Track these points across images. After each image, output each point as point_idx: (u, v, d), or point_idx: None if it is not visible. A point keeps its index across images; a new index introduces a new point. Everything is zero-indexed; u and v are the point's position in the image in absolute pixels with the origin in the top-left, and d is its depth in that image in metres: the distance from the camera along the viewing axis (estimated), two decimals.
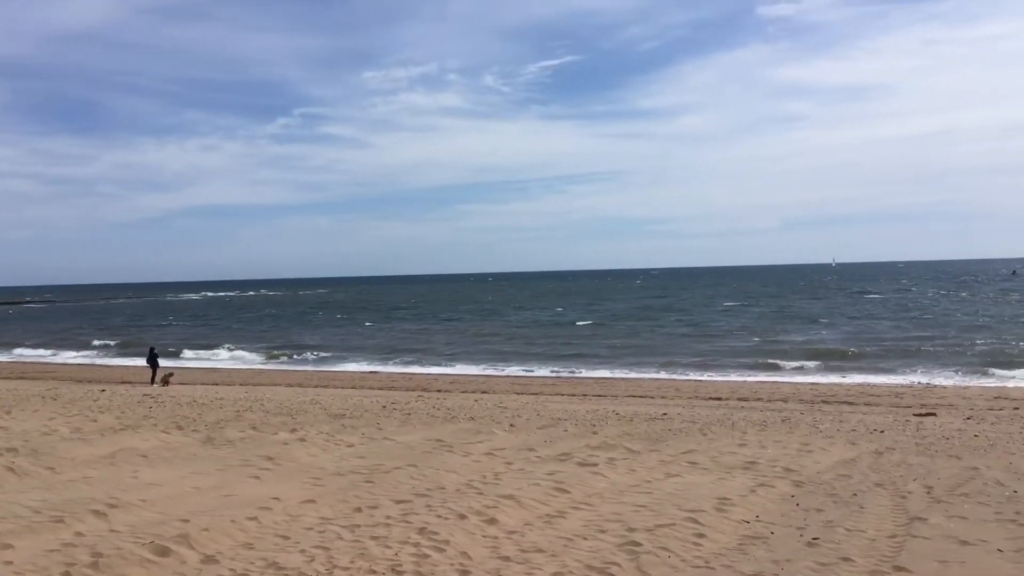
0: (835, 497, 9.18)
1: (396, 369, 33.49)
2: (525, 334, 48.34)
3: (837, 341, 38.20)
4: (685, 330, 47.79)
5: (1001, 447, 12.40)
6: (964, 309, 57.09)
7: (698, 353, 35.26)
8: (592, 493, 9.38)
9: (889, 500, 9.03)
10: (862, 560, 6.94)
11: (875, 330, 43.42)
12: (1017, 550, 7.14)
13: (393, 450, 12.36)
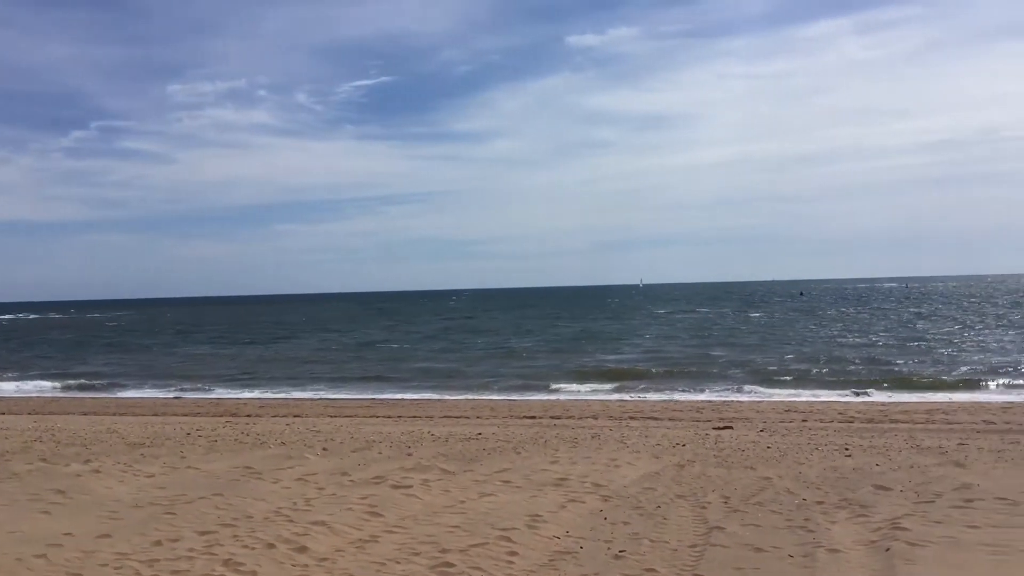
0: (640, 510, 9.51)
1: (202, 395, 32.11)
2: (338, 356, 47.59)
3: (641, 359, 39.77)
4: (497, 350, 48.44)
5: (791, 457, 13.22)
6: (753, 328, 60.86)
7: (515, 373, 35.77)
8: (406, 516, 9.30)
9: (690, 511, 9.44)
10: (665, 570, 7.21)
11: (675, 348, 45.50)
12: (805, 555, 7.62)
13: (197, 479, 11.81)
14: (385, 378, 35.69)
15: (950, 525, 8.44)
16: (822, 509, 9.43)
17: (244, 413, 23.91)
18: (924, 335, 48.47)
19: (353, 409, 24.72)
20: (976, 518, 8.68)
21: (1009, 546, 7.64)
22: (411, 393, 30.65)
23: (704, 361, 38.08)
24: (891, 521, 8.65)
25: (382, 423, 20.42)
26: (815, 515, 9.15)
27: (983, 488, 10.12)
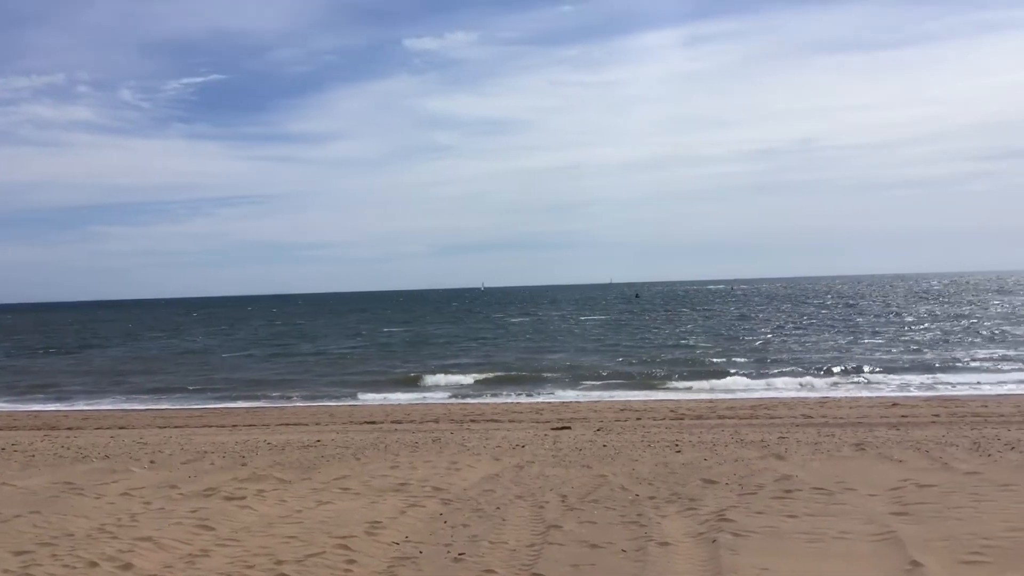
0: (480, 512, 9.57)
1: (17, 407, 30.10)
2: (164, 364, 45.63)
3: (480, 362, 40.08)
4: (334, 354, 47.73)
5: (625, 455, 13.61)
6: (590, 330, 62.49)
7: (362, 377, 35.32)
8: (239, 528, 9.01)
9: (528, 511, 9.57)
10: (504, 570, 7.28)
11: (515, 351, 46.11)
12: (638, 549, 7.86)
13: (13, 496, 11.06)
14: (212, 387, 34.49)
15: (771, 515, 8.89)
16: (654, 504, 9.74)
17: (65, 426, 22.57)
18: (745, 334, 51.01)
19: (184, 419, 23.75)
20: (795, 508, 9.18)
21: (824, 533, 8.11)
22: (244, 401, 29.76)
23: (543, 363, 38.74)
24: (717, 513, 9.03)
25: (215, 433, 19.71)
26: (647, 510, 9.44)
27: (801, 479, 10.73)
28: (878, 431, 15.91)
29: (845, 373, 30.70)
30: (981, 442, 13.51)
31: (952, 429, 15.94)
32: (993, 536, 7.66)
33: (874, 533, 8.00)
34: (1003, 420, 17.54)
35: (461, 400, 27.67)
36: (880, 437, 14.77)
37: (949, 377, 28.50)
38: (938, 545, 7.50)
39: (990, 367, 30.90)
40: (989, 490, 9.56)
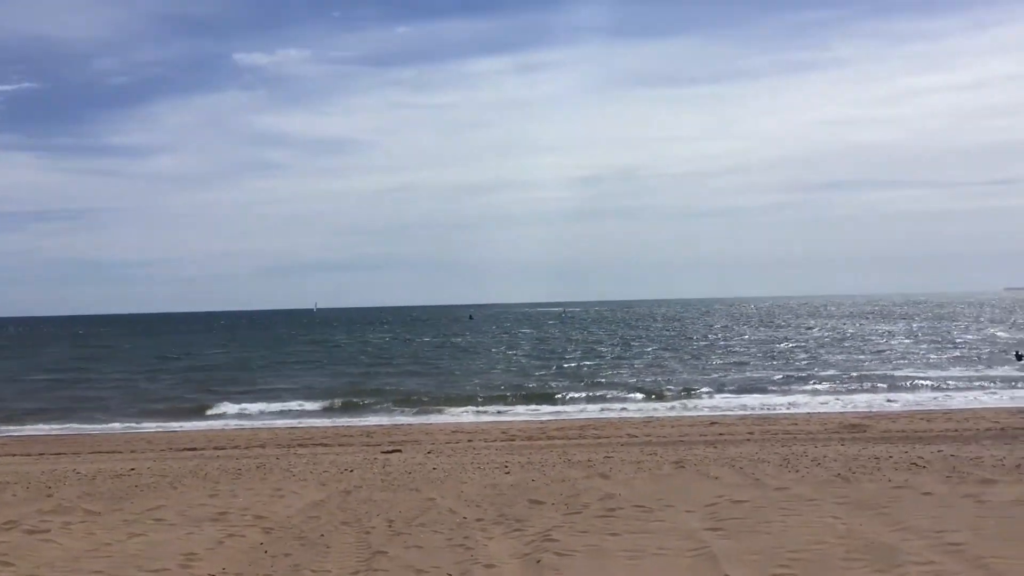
0: (304, 540, 9.30)
1: None
2: None
3: (313, 384, 39.24)
4: (142, 378, 45.59)
5: (455, 477, 13.60)
6: (422, 350, 62.45)
7: (178, 403, 33.81)
8: (41, 564, 8.40)
9: (354, 537, 9.38)
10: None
11: (348, 373, 45.43)
12: (463, 572, 7.83)
13: None
14: (35, 411, 32.22)
15: (594, 534, 9.07)
16: (481, 526, 9.75)
17: None
18: (577, 356, 52.22)
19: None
20: (617, 526, 9.40)
21: (644, 550, 8.33)
22: (53, 424, 27.96)
23: (375, 385, 38.31)
24: (543, 533, 9.13)
25: (19, 462, 18.40)
26: (474, 532, 9.44)
27: (624, 497, 11.00)
28: (697, 449, 16.56)
29: (670, 393, 31.83)
30: (790, 458, 14.28)
31: (764, 446, 16.78)
32: (799, 549, 8.07)
33: (690, 549, 8.28)
34: (810, 437, 18.63)
35: (289, 424, 26.96)
36: (699, 455, 15.37)
37: (764, 397, 30.03)
38: (749, 559, 7.84)
39: (800, 387, 32.76)
40: (797, 504, 10.09)
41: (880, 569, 7.34)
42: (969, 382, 31.97)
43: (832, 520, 9.17)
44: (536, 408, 29.28)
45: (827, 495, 10.61)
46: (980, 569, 7.18)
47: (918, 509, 9.55)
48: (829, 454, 14.85)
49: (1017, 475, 11.69)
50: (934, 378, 33.67)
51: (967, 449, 15.14)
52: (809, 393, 30.62)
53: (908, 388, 31.12)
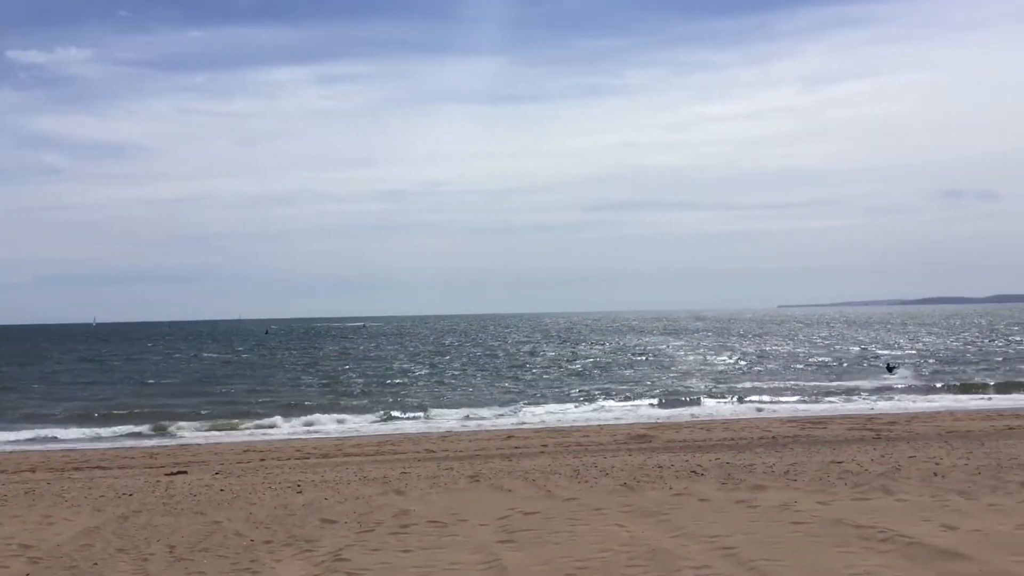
0: (75, 569, 8.68)
1: None
2: None
3: (91, 403, 36.87)
4: None
5: (244, 498, 13.10)
6: (209, 366, 60.08)
7: None
8: None
9: (131, 565, 8.83)
10: None
11: (128, 391, 43.02)
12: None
13: None
14: None
15: (387, 551, 8.97)
16: (269, 548, 9.43)
17: None
18: (380, 371, 51.78)
19: None
20: (410, 542, 9.33)
21: (436, 565, 8.32)
22: None
23: (158, 403, 36.44)
24: (334, 553, 8.94)
25: None
26: (262, 555, 9.12)
27: (418, 513, 10.96)
28: (493, 462, 16.78)
29: (470, 407, 32.06)
30: (580, 469, 14.71)
31: (557, 458, 17.22)
32: (586, 558, 8.30)
33: (481, 562, 8.34)
34: (601, 448, 19.28)
35: (63, 447, 25.11)
36: (494, 468, 15.57)
37: (560, 409, 30.79)
38: (538, 569, 7.98)
39: (594, 400, 33.85)
40: (585, 514, 10.39)
41: (660, 574, 7.66)
42: (749, 392, 34.10)
43: (617, 528, 9.50)
44: (332, 423, 28.72)
45: (614, 504, 10.99)
46: (751, 571, 7.62)
47: (696, 515, 10.06)
48: (617, 464, 15.42)
49: (785, 481, 12.54)
50: (720, 390, 35.72)
51: (742, 457, 16.13)
52: (600, 406, 31.68)
53: (693, 400, 32.81)
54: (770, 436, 20.67)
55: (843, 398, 32.26)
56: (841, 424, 22.98)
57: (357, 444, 22.07)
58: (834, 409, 28.92)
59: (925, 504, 10.23)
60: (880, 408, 28.92)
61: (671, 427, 23.85)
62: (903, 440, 18.90)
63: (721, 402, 31.89)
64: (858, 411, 27.82)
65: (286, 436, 26.07)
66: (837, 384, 37.89)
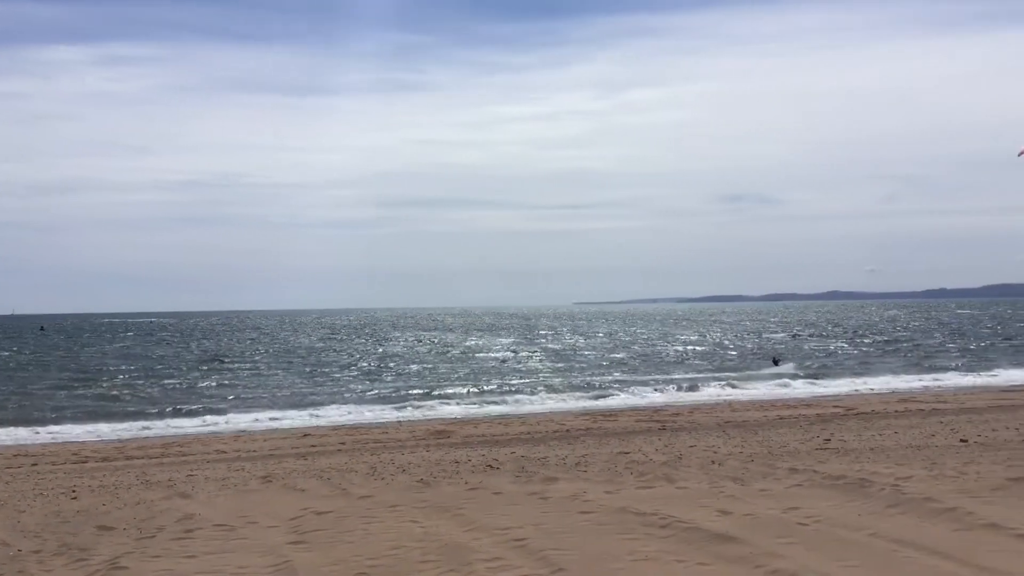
0: None
1: None
2: None
3: None
4: None
5: (11, 506, 12.17)
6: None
7: None
8: None
9: None
10: None
11: None
12: None
13: None
14: None
15: (169, 558, 8.55)
16: (39, 558, 8.80)
17: None
18: (171, 370, 49.38)
19: None
20: (194, 547, 8.94)
21: (222, 570, 8.02)
22: None
23: None
24: (110, 561, 8.44)
25: None
26: (30, 565, 8.51)
27: (204, 516, 10.52)
28: (287, 462, 16.36)
29: (265, 407, 31.11)
30: (378, 466, 14.61)
31: (355, 456, 17.02)
32: (378, 555, 8.24)
33: (271, 564, 8.11)
34: (399, 444, 19.22)
35: None
36: (288, 468, 15.19)
37: (359, 407, 30.41)
38: (329, 570, 7.85)
39: (392, 395, 33.66)
40: (379, 512, 10.31)
41: (452, 568, 7.71)
42: (541, 388, 34.93)
43: (411, 524, 9.49)
44: (117, 426, 27.08)
45: (409, 500, 10.98)
46: (540, 561, 7.81)
47: (490, 508, 10.21)
48: (415, 460, 15.42)
49: (576, 472, 12.95)
50: (524, 384, 36.38)
51: (536, 450, 16.52)
52: (404, 402, 31.54)
53: (497, 395, 33.21)
54: (564, 429, 21.28)
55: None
56: (631, 416, 23.97)
57: (141, 447, 20.92)
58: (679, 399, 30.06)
59: (703, 491, 10.83)
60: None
61: (470, 422, 24.10)
62: (685, 430, 19.95)
63: (523, 396, 32.36)
64: (647, 404, 29.02)
65: (61, 440, 24.34)
66: (733, 375, 39.12)
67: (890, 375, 38.18)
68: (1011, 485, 10.19)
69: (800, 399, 28.53)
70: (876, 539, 8.04)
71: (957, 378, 35.91)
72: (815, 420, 21.25)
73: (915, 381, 34.97)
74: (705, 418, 22.77)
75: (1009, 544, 7.63)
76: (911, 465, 12.17)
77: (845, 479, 10.96)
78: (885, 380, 35.75)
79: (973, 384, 33.27)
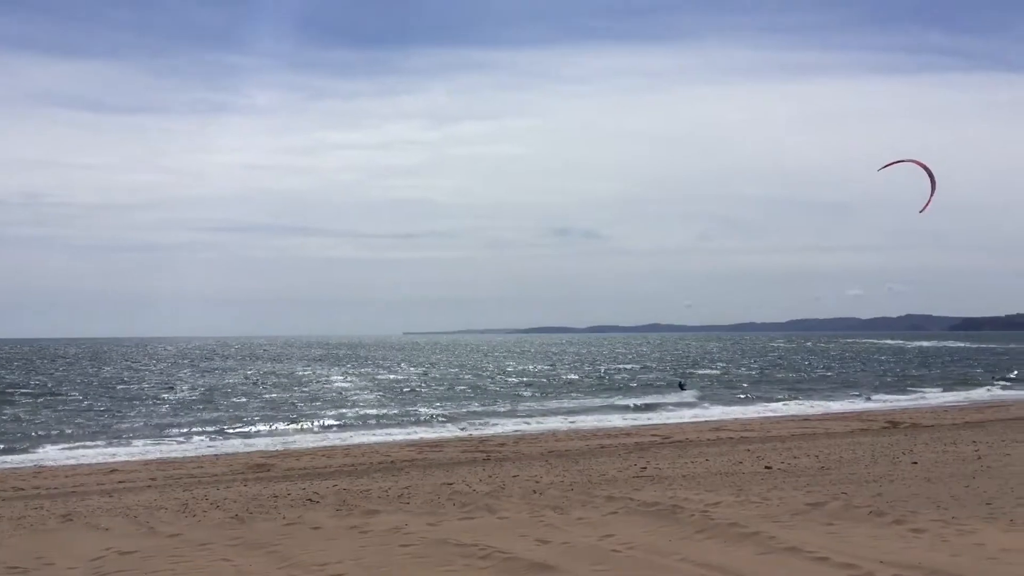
0: None
1: None
2: None
3: None
4: None
5: None
6: None
7: None
8: None
9: None
10: None
11: None
12: None
13: None
14: None
15: None
16: None
17: None
18: None
19: None
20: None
21: None
22: None
23: None
24: None
25: None
26: None
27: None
28: (91, 499, 15.42)
29: (71, 439, 29.16)
30: (189, 503, 13.96)
31: (165, 492, 16.22)
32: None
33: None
34: (215, 479, 18.47)
35: None
36: (91, 505, 14.31)
37: (173, 437, 29.01)
38: None
39: (209, 427, 32.24)
40: (188, 551, 9.83)
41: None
42: (368, 419, 34.45)
43: (223, 563, 9.11)
44: None
45: (221, 538, 10.54)
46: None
47: (307, 544, 9.93)
48: (231, 495, 14.85)
49: (398, 504, 12.81)
50: (351, 415, 35.72)
51: (359, 482, 16.26)
52: (220, 434, 30.34)
53: (321, 426, 32.42)
54: (389, 460, 21.05)
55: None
56: (456, 447, 23.99)
57: None
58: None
59: (523, 520, 10.94)
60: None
61: (292, 455, 23.45)
62: (510, 460, 20.15)
63: (351, 428, 31.79)
64: (473, 435, 29.06)
65: None
66: (635, 402, 40.98)
67: (891, 394, 43.84)
68: (810, 510, 10.81)
69: (624, 429, 29.35)
70: (685, 563, 8.33)
71: (850, 404, 39.33)
72: (633, 448, 21.94)
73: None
74: (529, 448, 23.07)
75: (807, 567, 8.07)
76: (720, 491, 12.73)
77: (659, 506, 11.34)
78: (775, 407, 38.54)
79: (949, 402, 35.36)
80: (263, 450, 25.77)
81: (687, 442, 23.24)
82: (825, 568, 7.92)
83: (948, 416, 30.04)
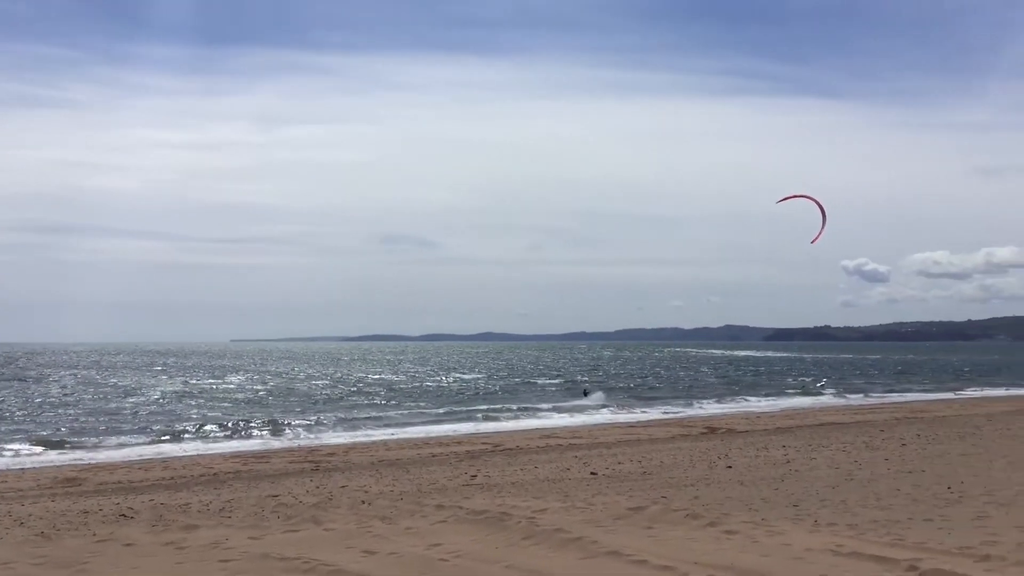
0: None
1: None
2: None
3: None
4: None
5: None
6: None
7: None
8: None
9: None
10: None
11: None
12: None
13: None
14: None
15: None
16: None
17: None
18: None
19: None
20: None
21: None
22: None
23: None
24: None
25: None
26: None
27: None
28: None
29: None
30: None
31: None
32: None
33: None
34: (20, 495, 17.32)
35: None
36: None
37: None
38: None
39: (15, 439, 30.12)
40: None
41: None
42: (197, 430, 33.09)
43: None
44: None
45: (24, 556, 9.88)
46: None
47: (118, 561, 9.45)
48: (36, 512, 13.95)
49: (219, 518, 12.36)
50: (172, 426, 34.13)
51: (178, 496, 15.59)
52: (23, 448, 28.37)
53: (139, 439, 30.81)
54: (211, 473, 20.29)
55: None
56: (283, 457, 23.39)
57: None
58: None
59: (351, 531, 10.77)
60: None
61: (105, 468, 22.22)
62: (339, 470, 19.82)
63: (182, 441, 30.39)
64: (303, 444, 28.43)
65: None
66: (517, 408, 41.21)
67: (711, 401, 45.63)
68: (632, 514, 11.16)
69: (455, 437, 29.39)
70: (511, 570, 8.43)
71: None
72: (464, 456, 22.04)
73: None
74: (360, 457, 22.77)
75: (627, 569, 8.31)
76: (547, 498, 12.96)
77: (487, 513, 11.42)
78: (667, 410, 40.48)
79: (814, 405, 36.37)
80: (74, 463, 24.31)
81: (517, 450, 23.54)
82: (644, 571, 8.18)
83: (761, 422, 31.69)
